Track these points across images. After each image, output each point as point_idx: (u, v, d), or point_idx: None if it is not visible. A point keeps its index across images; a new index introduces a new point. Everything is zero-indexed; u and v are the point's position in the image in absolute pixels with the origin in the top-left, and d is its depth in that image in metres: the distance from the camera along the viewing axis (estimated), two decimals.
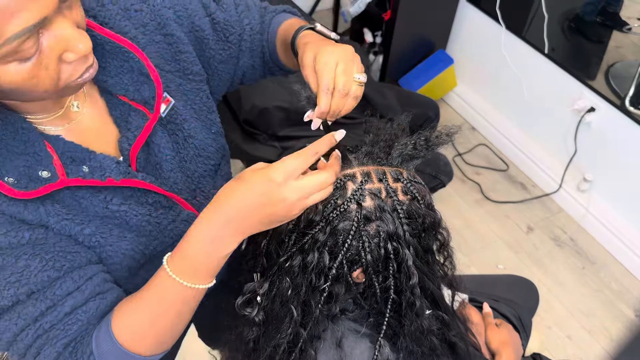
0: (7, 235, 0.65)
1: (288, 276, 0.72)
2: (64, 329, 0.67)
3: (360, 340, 0.76)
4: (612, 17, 2.01)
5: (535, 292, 1.38)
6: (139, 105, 0.78)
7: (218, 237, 0.65)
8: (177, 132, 0.82)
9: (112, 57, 0.76)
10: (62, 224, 0.70)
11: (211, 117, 0.88)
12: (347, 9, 2.53)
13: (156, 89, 0.77)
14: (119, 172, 0.73)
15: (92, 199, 0.73)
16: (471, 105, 2.66)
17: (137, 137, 0.77)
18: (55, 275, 0.68)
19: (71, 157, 0.71)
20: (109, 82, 0.76)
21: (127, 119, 0.77)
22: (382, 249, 0.71)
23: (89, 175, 0.71)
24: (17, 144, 0.67)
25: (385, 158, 0.75)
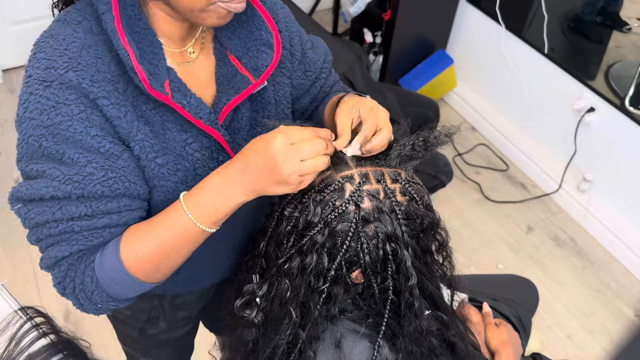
0: (94, 138, 0.72)
1: (287, 278, 0.72)
2: (87, 237, 0.74)
3: (359, 341, 0.76)
4: (611, 17, 2.01)
5: (535, 292, 1.38)
6: (246, 71, 0.85)
7: (231, 180, 0.72)
8: (259, 108, 0.89)
9: (248, 22, 0.85)
10: (143, 145, 0.76)
11: (286, 112, 0.95)
12: (347, 9, 2.53)
13: (273, 59, 0.85)
14: (209, 119, 0.80)
15: (176, 134, 0.79)
16: (471, 105, 2.66)
17: (236, 96, 0.83)
18: (107, 193, 0.73)
19: (178, 87, 0.78)
20: (234, 42, 0.85)
21: (231, 79, 0.85)
22: (381, 250, 0.71)
23: (186, 107, 0.77)
24: (149, 52, 0.75)
25: (383, 159, 0.75)
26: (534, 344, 1.68)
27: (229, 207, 0.73)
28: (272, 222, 0.79)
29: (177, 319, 1.11)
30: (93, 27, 0.74)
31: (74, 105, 0.71)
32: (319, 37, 1.02)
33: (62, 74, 0.70)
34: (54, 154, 0.71)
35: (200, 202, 0.73)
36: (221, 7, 0.73)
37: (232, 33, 0.85)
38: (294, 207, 0.74)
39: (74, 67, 0.71)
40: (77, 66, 0.71)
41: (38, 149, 0.71)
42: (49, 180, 0.71)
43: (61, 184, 0.71)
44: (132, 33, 0.74)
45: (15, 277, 1.95)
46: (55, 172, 0.71)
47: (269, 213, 0.84)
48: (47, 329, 0.78)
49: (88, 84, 0.71)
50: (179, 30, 0.80)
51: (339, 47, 1.93)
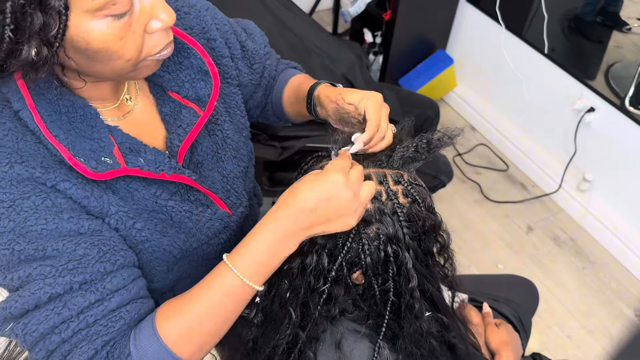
0: (69, 221, 0.65)
1: (286, 278, 0.72)
2: (106, 325, 0.65)
3: (359, 342, 0.76)
4: (611, 17, 2.01)
5: (535, 292, 1.38)
6: (190, 102, 0.80)
7: (285, 235, 0.66)
8: (217, 132, 0.85)
9: (174, 53, 0.78)
10: (119, 215, 0.71)
11: (243, 121, 0.91)
12: (347, 9, 2.53)
13: (213, 86, 0.80)
14: (170, 167, 0.75)
15: (144, 192, 0.75)
16: (471, 105, 2.66)
17: (188, 134, 0.79)
18: (110, 268, 0.67)
19: (129, 147, 0.73)
20: (166, 78, 0.79)
21: (177, 116, 0.79)
22: (382, 251, 0.71)
23: (145, 167, 0.73)
24: (85, 127, 0.69)
25: (386, 160, 0.75)
26: (534, 344, 1.68)
27: (279, 261, 0.68)
28: None
29: None
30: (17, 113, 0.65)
31: (34, 197, 0.63)
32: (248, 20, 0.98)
33: (7, 171, 0.62)
34: (33, 253, 0.62)
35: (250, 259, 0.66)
36: (151, 60, 0.67)
37: (160, 70, 0.79)
38: None
39: (18, 160, 0.63)
40: (20, 158, 0.63)
41: (12, 257, 0.62)
42: (40, 281, 0.62)
43: (57, 278, 0.62)
44: (60, 116, 0.67)
45: None
46: (44, 269, 0.62)
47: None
48: None
49: (41, 172, 0.64)
50: (108, 88, 0.74)
51: (339, 47, 1.92)
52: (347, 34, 2.92)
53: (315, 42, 1.88)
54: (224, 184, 0.87)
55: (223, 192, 0.87)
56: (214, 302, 0.66)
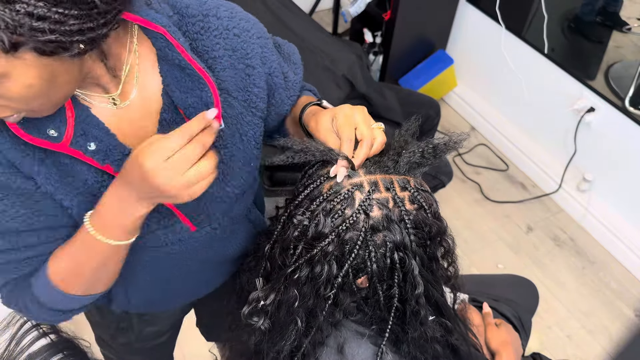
0: (2, 175, 0.69)
1: (295, 287, 0.72)
2: (17, 268, 0.75)
3: (362, 346, 0.76)
4: (611, 17, 2.01)
5: (535, 292, 1.38)
6: None
7: (124, 198, 0.69)
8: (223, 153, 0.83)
9: (188, 78, 0.77)
10: (47, 189, 0.72)
11: (255, 152, 0.88)
12: (347, 9, 2.53)
13: None
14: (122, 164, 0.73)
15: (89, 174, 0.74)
16: (471, 105, 2.66)
17: None
18: (23, 228, 0.72)
19: (84, 130, 0.71)
20: (176, 95, 0.78)
21: (173, 125, 0.77)
22: (388, 258, 0.71)
23: (91, 153, 0.72)
24: None
25: (392, 166, 0.75)
26: (534, 344, 1.68)
27: (133, 220, 0.71)
28: (277, 226, 0.78)
29: (146, 332, 1.11)
30: None
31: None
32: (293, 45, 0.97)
33: None
34: None
35: (105, 222, 0.71)
36: None
37: (174, 86, 0.77)
38: (302, 214, 0.73)
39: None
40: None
41: None
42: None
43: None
44: None
45: None
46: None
47: (273, 216, 0.84)
48: (47, 329, 0.78)
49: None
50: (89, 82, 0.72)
51: (339, 47, 1.92)
52: (347, 34, 2.92)
53: (315, 42, 1.87)
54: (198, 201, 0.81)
55: (192, 208, 0.84)
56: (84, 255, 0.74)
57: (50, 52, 0.57)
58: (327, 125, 0.76)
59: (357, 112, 0.75)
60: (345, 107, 0.76)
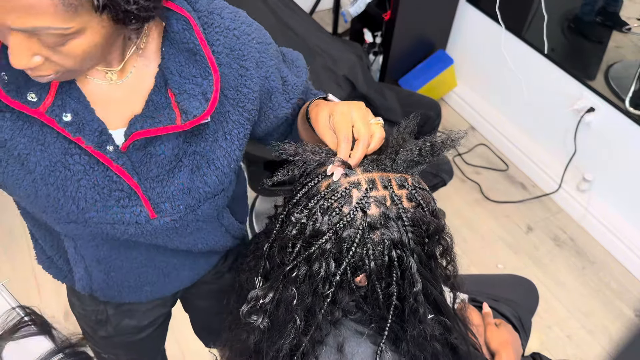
0: None
1: (293, 285, 0.72)
2: None
3: (362, 344, 0.76)
4: (611, 17, 2.01)
5: (535, 292, 1.38)
6: (178, 110, 0.79)
7: None
8: (191, 143, 0.83)
9: (194, 65, 0.78)
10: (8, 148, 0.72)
11: (237, 154, 0.88)
12: (347, 9, 2.53)
13: (204, 113, 0.79)
14: (95, 140, 0.74)
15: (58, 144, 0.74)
16: (471, 105, 2.66)
17: (154, 128, 0.77)
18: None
19: (63, 100, 0.72)
20: (175, 78, 0.79)
21: (159, 109, 0.78)
22: (386, 256, 0.71)
23: (64, 123, 0.72)
24: None
25: (390, 164, 0.75)
26: (534, 344, 1.68)
27: None
28: (276, 225, 0.78)
29: (123, 326, 1.10)
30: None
31: None
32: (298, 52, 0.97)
33: None
34: None
35: None
36: None
37: (175, 69, 0.79)
38: (300, 212, 0.73)
39: None
40: None
41: None
42: None
43: None
44: None
45: (15, 277, 1.95)
46: None
47: (272, 215, 0.84)
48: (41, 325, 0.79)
49: None
50: None
51: (340, 47, 1.92)
52: (347, 34, 2.92)
53: (317, 42, 1.88)
54: (165, 188, 0.84)
55: (157, 193, 0.83)
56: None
57: (122, 20, 0.64)
58: (324, 122, 0.76)
59: (354, 109, 0.75)
60: (343, 104, 0.76)
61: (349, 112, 0.75)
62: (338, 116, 0.74)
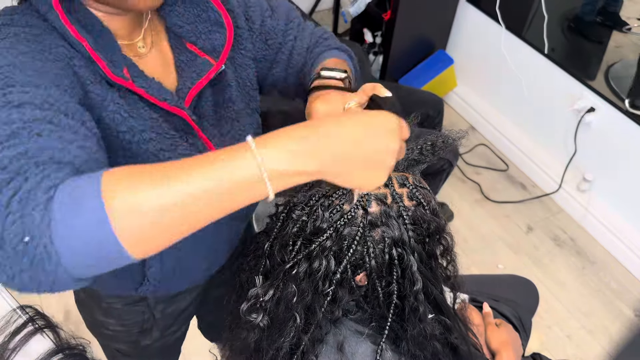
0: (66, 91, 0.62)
1: (293, 282, 0.72)
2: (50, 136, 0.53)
3: (362, 343, 0.76)
4: (611, 17, 2.01)
5: (535, 292, 1.38)
6: (205, 54, 0.84)
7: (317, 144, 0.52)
8: (221, 92, 0.88)
9: (192, 6, 0.83)
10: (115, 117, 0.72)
11: (252, 94, 0.93)
12: (347, 9, 2.53)
13: (227, 37, 0.84)
14: (173, 101, 0.78)
15: (149, 113, 0.76)
16: (471, 105, 2.66)
17: (200, 79, 0.82)
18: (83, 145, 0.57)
19: (137, 73, 0.76)
20: (185, 29, 0.84)
21: (192, 64, 0.83)
22: (387, 254, 0.71)
23: (149, 90, 0.75)
24: (101, 41, 0.72)
25: None
26: (534, 344, 1.68)
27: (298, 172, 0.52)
28: (277, 223, 0.78)
29: (168, 325, 1.11)
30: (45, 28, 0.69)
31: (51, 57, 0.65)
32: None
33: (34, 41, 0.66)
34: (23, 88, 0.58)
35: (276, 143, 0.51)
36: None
37: (180, 20, 0.84)
38: (301, 209, 0.73)
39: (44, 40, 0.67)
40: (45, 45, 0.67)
41: None
42: None
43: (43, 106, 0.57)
44: (80, 24, 0.71)
45: None
46: None
47: (273, 213, 0.84)
48: (43, 325, 0.79)
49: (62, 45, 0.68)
50: (124, 25, 0.77)
51: None
52: (347, 34, 2.92)
53: None
54: (221, 141, 0.89)
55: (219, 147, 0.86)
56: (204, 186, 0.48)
57: None
58: None
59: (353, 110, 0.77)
60: None
61: None
62: None
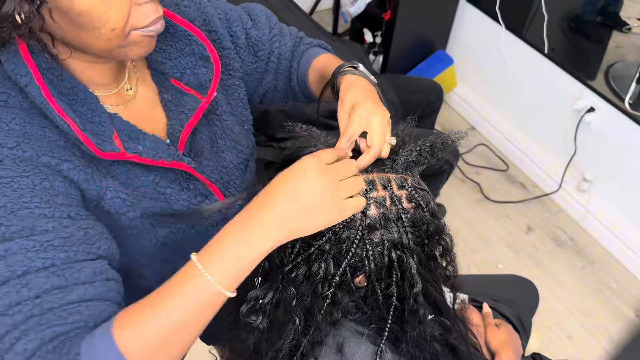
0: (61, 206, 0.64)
1: (292, 285, 0.72)
2: (60, 316, 0.59)
3: (361, 345, 0.76)
4: (612, 17, 2.01)
5: (535, 292, 1.38)
6: (192, 90, 0.81)
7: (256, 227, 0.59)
8: (216, 122, 0.86)
9: (175, 40, 0.80)
10: (114, 202, 0.71)
11: (245, 114, 0.91)
12: (347, 9, 2.53)
13: (214, 71, 0.81)
14: (169, 155, 0.76)
15: (144, 178, 0.75)
16: (471, 105, 2.66)
17: (190, 119, 0.79)
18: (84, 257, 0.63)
19: (128, 134, 0.73)
20: (168, 65, 0.80)
21: (179, 102, 0.80)
22: (386, 257, 0.71)
23: (143, 153, 0.73)
24: (85, 111, 0.69)
25: (389, 165, 0.75)
26: (534, 344, 1.68)
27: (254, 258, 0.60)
28: None
29: None
30: (22, 103, 0.66)
31: (33, 176, 0.62)
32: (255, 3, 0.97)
33: (14, 149, 0.62)
34: (20, 231, 0.60)
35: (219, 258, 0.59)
36: (140, 35, 0.66)
37: (161, 56, 0.80)
38: None
39: (25, 141, 0.64)
40: (28, 140, 0.64)
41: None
42: (21, 255, 0.59)
43: (39, 253, 0.59)
44: (62, 97, 0.67)
45: None
46: (28, 243, 0.60)
47: None
48: None
49: (46, 153, 0.64)
50: (107, 73, 0.74)
51: (339, 48, 1.92)
52: (347, 34, 2.92)
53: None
54: (222, 174, 0.87)
55: (222, 183, 0.87)
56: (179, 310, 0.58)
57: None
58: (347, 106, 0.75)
59: (378, 116, 0.73)
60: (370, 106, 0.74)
61: (372, 116, 0.72)
62: (358, 114, 0.72)
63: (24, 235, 0.60)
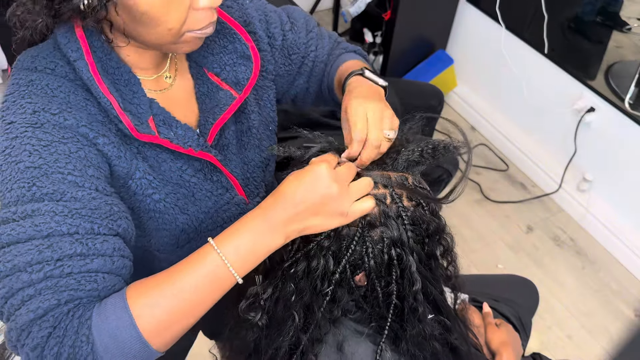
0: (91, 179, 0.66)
1: (292, 281, 0.72)
2: (79, 282, 0.61)
3: (361, 343, 0.76)
4: (612, 17, 2.01)
5: (535, 292, 1.38)
6: (227, 86, 0.84)
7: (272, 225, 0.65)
8: (243, 120, 0.88)
9: (219, 37, 0.83)
10: (141, 182, 0.74)
11: (272, 116, 0.94)
12: (347, 9, 2.53)
13: (253, 71, 0.84)
14: (198, 145, 0.79)
15: (172, 164, 0.78)
16: (471, 105, 2.66)
17: (222, 114, 0.82)
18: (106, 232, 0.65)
19: (163, 119, 0.76)
20: (209, 59, 0.84)
21: (213, 96, 0.84)
22: (386, 254, 0.71)
23: (174, 140, 0.76)
24: (128, 92, 0.73)
25: (391, 163, 0.75)
26: (534, 344, 1.68)
27: (264, 253, 0.66)
28: None
29: None
30: (68, 74, 0.70)
31: (71, 144, 0.66)
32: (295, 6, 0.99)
33: (56, 115, 0.66)
34: (52, 193, 0.62)
35: (235, 244, 0.64)
36: (192, 36, 0.71)
37: (205, 51, 0.83)
38: None
39: (68, 110, 0.67)
40: (70, 109, 0.67)
41: (27, 193, 0.62)
42: (49, 217, 0.61)
43: (67, 218, 0.61)
44: (107, 76, 0.71)
45: None
46: (57, 207, 0.62)
47: None
48: None
49: (85, 124, 0.68)
50: (151, 59, 0.78)
51: None
52: (347, 34, 2.92)
53: None
54: (244, 170, 0.90)
55: (242, 179, 0.90)
56: (192, 284, 0.62)
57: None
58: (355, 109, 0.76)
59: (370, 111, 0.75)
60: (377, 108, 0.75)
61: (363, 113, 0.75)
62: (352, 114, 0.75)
63: (54, 199, 0.62)
